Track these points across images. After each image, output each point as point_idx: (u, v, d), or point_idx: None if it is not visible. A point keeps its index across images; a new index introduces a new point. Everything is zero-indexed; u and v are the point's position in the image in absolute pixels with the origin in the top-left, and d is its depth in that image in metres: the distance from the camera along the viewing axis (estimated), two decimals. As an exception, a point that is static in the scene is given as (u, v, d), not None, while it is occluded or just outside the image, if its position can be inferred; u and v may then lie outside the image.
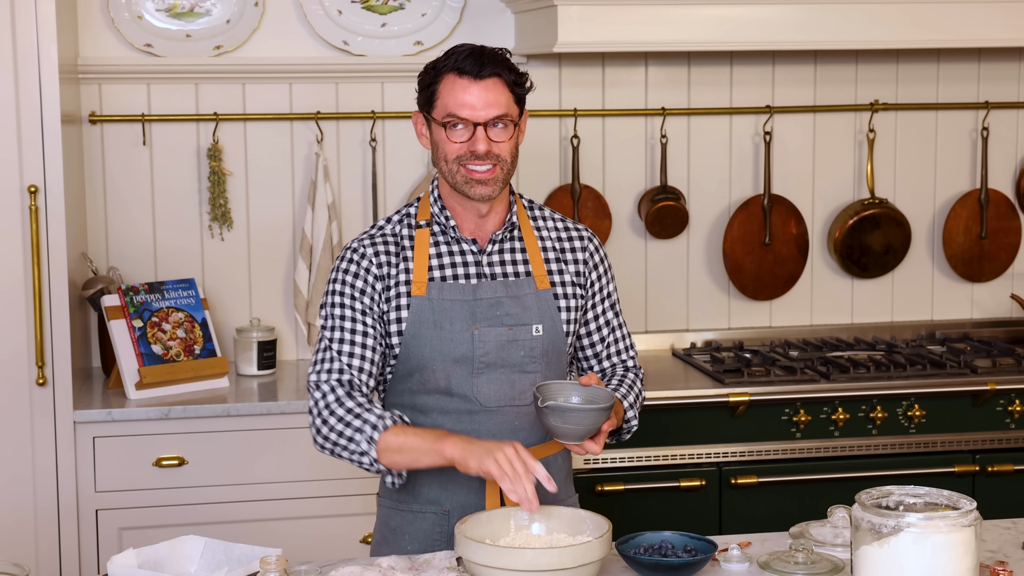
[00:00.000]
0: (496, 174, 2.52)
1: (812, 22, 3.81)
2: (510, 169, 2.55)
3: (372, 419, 2.47)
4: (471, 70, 2.49)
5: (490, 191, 2.53)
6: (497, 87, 2.51)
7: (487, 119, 2.50)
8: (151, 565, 2.31)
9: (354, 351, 2.55)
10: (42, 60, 3.43)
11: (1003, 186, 4.45)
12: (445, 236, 2.62)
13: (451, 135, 2.51)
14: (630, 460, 3.68)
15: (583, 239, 2.71)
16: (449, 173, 2.54)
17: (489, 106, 2.49)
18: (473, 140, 2.50)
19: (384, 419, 2.47)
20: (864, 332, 4.37)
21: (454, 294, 2.57)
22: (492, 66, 2.50)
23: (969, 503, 2.11)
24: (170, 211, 4.02)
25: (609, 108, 4.20)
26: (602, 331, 2.73)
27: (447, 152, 2.53)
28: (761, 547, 2.53)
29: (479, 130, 2.50)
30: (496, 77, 2.51)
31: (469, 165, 2.52)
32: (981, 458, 3.84)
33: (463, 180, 2.53)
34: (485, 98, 2.49)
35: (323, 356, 2.56)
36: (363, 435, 2.46)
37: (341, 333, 2.56)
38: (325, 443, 2.51)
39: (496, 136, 2.51)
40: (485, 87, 2.49)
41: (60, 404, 3.51)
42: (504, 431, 2.57)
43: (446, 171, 2.55)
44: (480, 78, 2.49)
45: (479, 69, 2.49)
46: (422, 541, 2.60)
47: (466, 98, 2.49)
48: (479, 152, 2.49)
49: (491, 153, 2.51)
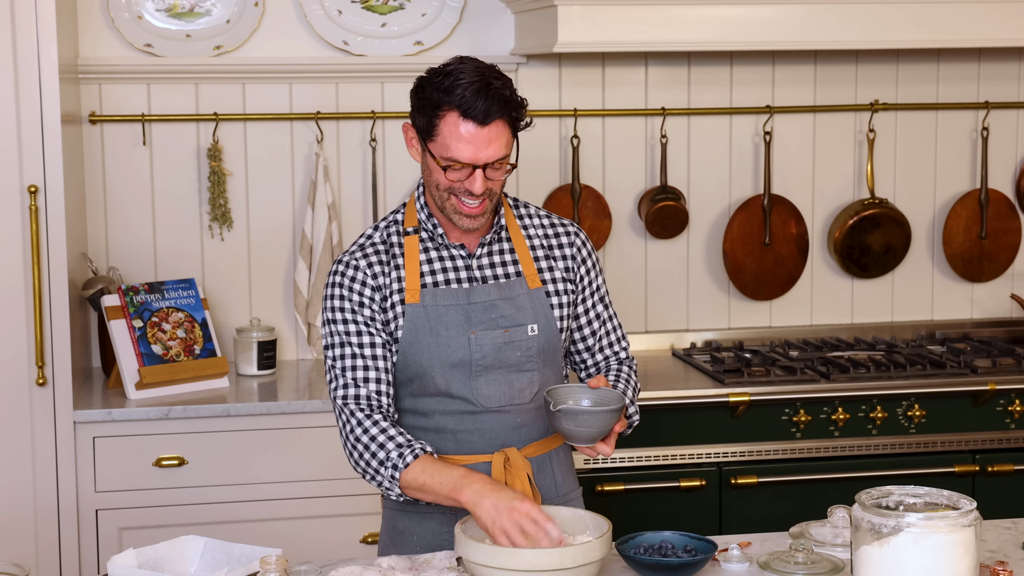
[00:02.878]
0: (486, 207, 2.52)
1: (812, 22, 3.81)
2: (496, 197, 2.53)
3: (393, 454, 2.47)
4: (476, 116, 2.42)
5: (477, 224, 2.53)
6: (501, 130, 2.45)
7: (487, 161, 2.46)
8: (151, 565, 2.31)
9: (368, 364, 2.54)
10: (42, 60, 3.43)
11: (1003, 186, 4.44)
12: (434, 242, 2.61)
13: (448, 174, 2.48)
14: (630, 460, 3.68)
15: (570, 234, 2.70)
16: (439, 198, 2.53)
17: (491, 145, 2.45)
18: (471, 180, 2.47)
19: (404, 456, 2.46)
20: (864, 332, 4.37)
21: (448, 299, 2.57)
22: (498, 108, 2.43)
23: (969, 503, 2.11)
24: (170, 211, 4.02)
25: (609, 108, 4.20)
26: (593, 324, 2.73)
27: (439, 182, 2.51)
28: (761, 547, 2.53)
29: (477, 172, 2.46)
30: (501, 120, 2.45)
31: (461, 197, 2.50)
32: (981, 458, 3.84)
33: (452, 209, 2.52)
34: (488, 141, 2.44)
35: (336, 375, 2.56)
36: (386, 470, 2.47)
37: (350, 348, 2.55)
38: (356, 467, 2.53)
39: (492, 175, 2.49)
40: (489, 132, 2.44)
41: (60, 404, 3.51)
42: (507, 428, 2.58)
43: (435, 195, 2.53)
44: (485, 124, 2.43)
45: (484, 116, 2.42)
46: (430, 542, 2.60)
47: (469, 143, 2.44)
48: (475, 191, 2.48)
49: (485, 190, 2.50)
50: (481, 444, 2.58)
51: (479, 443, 2.58)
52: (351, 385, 2.54)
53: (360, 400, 2.53)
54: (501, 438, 2.58)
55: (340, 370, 2.55)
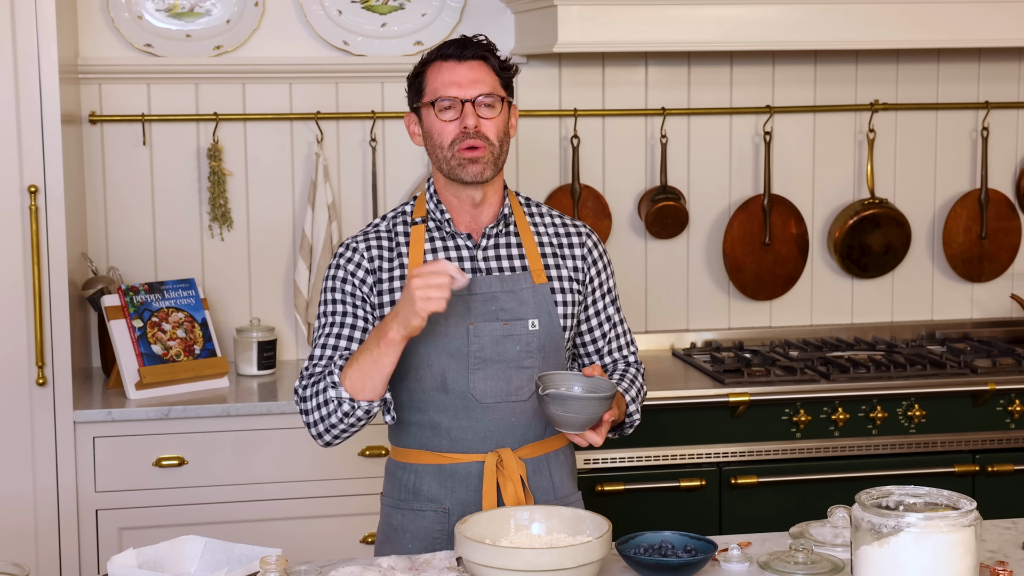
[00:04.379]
0: (485, 154, 2.55)
1: (812, 22, 3.81)
2: (500, 153, 2.57)
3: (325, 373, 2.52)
4: (455, 53, 2.57)
5: (480, 169, 2.55)
6: (482, 68, 2.57)
7: (475, 95, 2.54)
8: (151, 565, 2.31)
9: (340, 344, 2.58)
10: (42, 60, 3.43)
11: (1003, 186, 4.45)
12: (440, 232, 2.63)
13: (440, 115, 2.55)
14: (630, 460, 3.68)
15: (581, 235, 2.72)
16: (444, 160, 2.57)
17: (475, 83, 2.55)
18: (463, 116, 2.54)
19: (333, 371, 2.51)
20: (864, 332, 4.37)
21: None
22: (475, 49, 2.58)
23: (969, 503, 2.11)
24: (170, 211, 4.02)
25: (609, 108, 4.20)
26: (603, 327, 2.74)
27: (442, 138, 2.56)
28: (761, 547, 2.53)
29: (467, 106, 2.54)
30: (480, 59, 2.58)
31: (462, 145, 2.55)
32: (981, 458, 3.84)
33: (457, 164, 2.55)
34: (471, 76, 2.56)
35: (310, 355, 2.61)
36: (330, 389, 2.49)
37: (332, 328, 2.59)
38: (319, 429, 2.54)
39: (484, 114, 2.55)
40: (470, 67, 2.56)
41: (60, 404, 3.51)
42: (501, 427, 2.58)
43: (441, 159, 2.58)
44: (464, 59, 2.57)
45: (462, 51, 2.57)
46: (423, 539, 2.60)
47: (452, 77, 2.56)
48: (469, 127, 2.53)
49: (480, 132, 2.54)
50: (475, 442, 2.58)
51: (473, 441, 2.58)
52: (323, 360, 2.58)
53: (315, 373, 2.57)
54: (496, 437, 2.58)
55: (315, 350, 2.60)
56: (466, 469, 2.58)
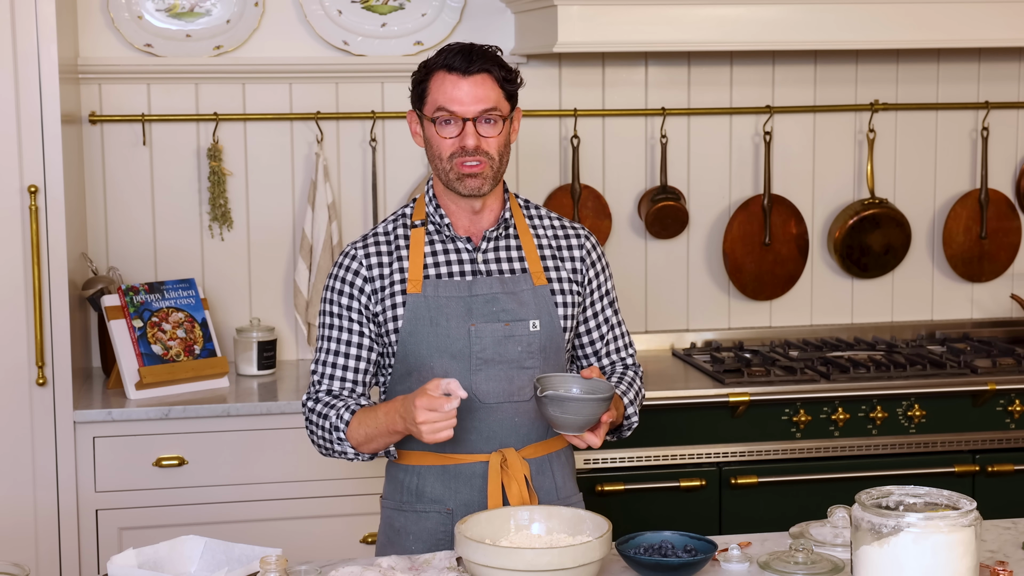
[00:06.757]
0: (485, 168, 2.54)
1: (812, 22, 3.81)
2: (499, 167, 2.57)
3: (334, 420, 2.55)
4: (460, 66, 2.52)
5: (479, 184, 2.55)
6: (486, 83, 2.53)
7: (476, 114, 2.52)
8: (151, 565, 2.31)
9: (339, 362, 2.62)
10: (42, 60, 3.43)
11: (1003, 186, 4.45)
12: (440, 235, 2.63)
13: (440, 131, 2.54)
14: (630, 460, 3.68)
15: (580, 237, 2.72)
16: (443, 171, 2.57)
17: (478, 101, 2.52)
18: (463, 135, 2.52)
19: (342, 416, 2.54)
20: (864, 332, 4.37)
21: (450, 291, 2.58)
22: (481, 62, 2.53)
23: (969, 503, 2.11)
24: (170, 211, 4.02)
25: (609, 108, 4.20)
26: (601, 329, 2.74)
27: (440, 150, 2.55)
28: (761, 547, 2.53)
29: (468, 125, 2.52)
30: (485, 73, 2.54)
31: (460, 159, 2.54)
32: (981, 458, 3.84)
33: (455, 177, 2.55)
34: (474, 93, 2.52)
35: (313, 368, 2.65)
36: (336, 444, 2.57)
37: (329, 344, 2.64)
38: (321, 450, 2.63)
39: (485, 132, 2.53)
40: (474, 83, 2.52)
41: (60, 404, 3.51)
42: (503, 427, 2.58)
43: (439, 168, 2.57)
44: (468, 74, 2.52)
45: (467, 65, 2.52)
46: (426, 541, 2.60)
47: (455, 93, 2.52)
48: (468, 147, 2.52)
49: (480, 149, 2.53)
50: (479, 443, 2.58)
51: (476, 442, 2.58)
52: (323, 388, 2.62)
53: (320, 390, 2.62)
54: (499, 437, 2.58)
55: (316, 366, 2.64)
56: (470, 470, 2.58)
